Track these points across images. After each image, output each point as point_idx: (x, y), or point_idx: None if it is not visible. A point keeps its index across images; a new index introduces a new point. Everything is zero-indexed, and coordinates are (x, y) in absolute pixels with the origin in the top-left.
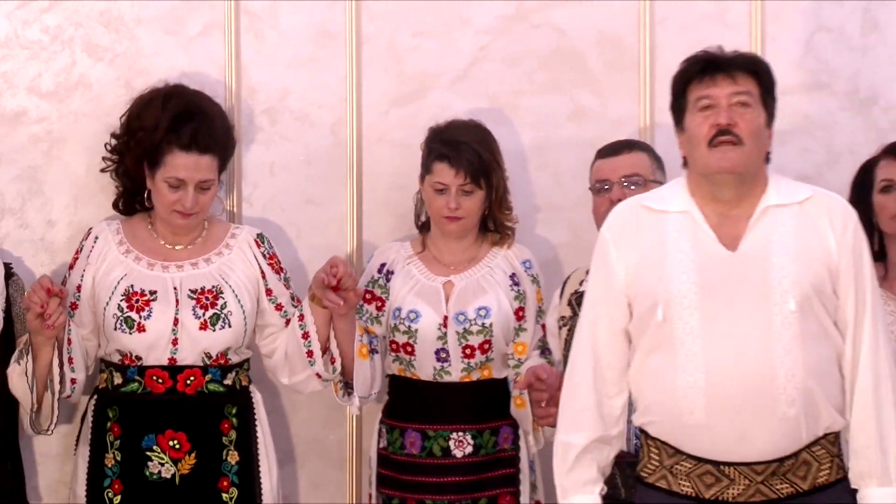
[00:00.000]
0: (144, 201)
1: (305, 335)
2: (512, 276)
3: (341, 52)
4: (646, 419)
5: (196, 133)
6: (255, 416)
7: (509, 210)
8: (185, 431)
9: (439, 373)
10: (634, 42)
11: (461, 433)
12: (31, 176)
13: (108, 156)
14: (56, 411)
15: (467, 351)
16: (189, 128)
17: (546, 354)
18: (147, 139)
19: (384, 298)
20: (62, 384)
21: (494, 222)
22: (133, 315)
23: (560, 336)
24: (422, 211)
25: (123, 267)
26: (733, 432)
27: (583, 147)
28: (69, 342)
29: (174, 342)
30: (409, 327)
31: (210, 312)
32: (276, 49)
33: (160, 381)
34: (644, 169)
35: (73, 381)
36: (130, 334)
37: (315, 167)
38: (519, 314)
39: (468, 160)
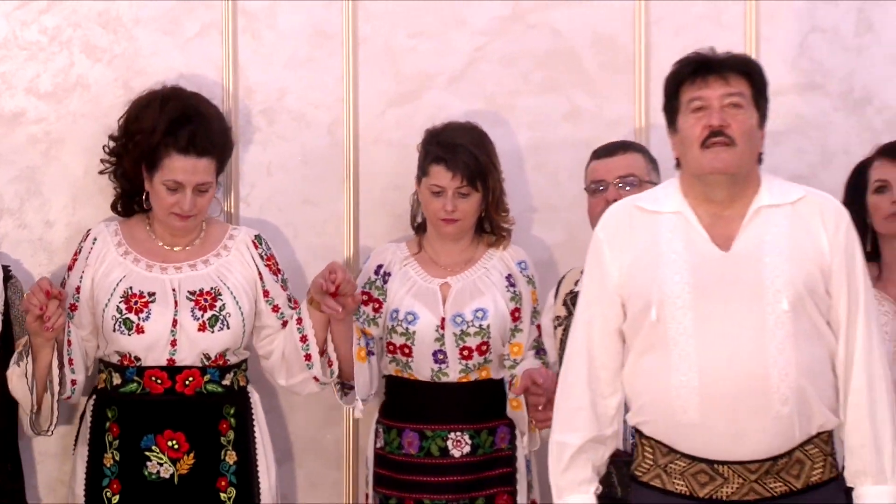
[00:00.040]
0: (143, 203)
1: (303, 338)
2: (508, 278)
3: (338, 53)
4: (640, 419)
5: (193, 136)
6: (253, 417)
7: (506, 212)
8: (184, 431)
9: (437, 374)
10: (630, 42)
11: (459, 433)
12: (30, 176)
13: (107, 158)
14: (56, 412)
15: (465, 352)
16: (186, 131)
17: (541, 355)
18: (145, 142)
19: (381, 300)
20: (62, 385)
21: (491, 224)
22: (132, 317)
23: (555, 336)
24: (418, 212)
25: (122, 269)
26: (727, 431)
27: (578, 147)
28: (69, 343)
29: (173, 343)
30: (407, 329)
31: (209, 314)
32: (273, 49)
33: (159, 382)
34: (639, 170)
35: (73, 383)
36: (129, 336)
37: (312, 167)
38: (515, 315)
39: (465, 163)
